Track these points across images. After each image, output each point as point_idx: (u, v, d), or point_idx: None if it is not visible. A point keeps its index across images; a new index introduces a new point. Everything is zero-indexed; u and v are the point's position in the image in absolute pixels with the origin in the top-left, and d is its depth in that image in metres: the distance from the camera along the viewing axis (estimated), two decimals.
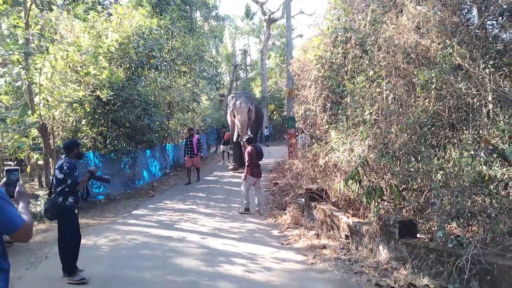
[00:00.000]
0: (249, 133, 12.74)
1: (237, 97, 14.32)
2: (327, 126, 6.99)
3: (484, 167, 4.29)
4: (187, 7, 17.53)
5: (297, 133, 12.89)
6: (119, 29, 10.26)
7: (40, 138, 8.83)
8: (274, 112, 35.86)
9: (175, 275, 4.77)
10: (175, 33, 14.31)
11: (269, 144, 25.12)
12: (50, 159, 8.81)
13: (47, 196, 8.17)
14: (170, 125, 15.70)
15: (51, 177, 8.70)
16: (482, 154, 4.47)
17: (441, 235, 3.97)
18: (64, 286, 4.56)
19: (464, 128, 4.82)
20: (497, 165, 4.38)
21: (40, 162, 10.26)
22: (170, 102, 14.96)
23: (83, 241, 6.28)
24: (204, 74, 18.92)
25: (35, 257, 5.58)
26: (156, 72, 12.88)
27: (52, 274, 4.89)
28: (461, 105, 4.74)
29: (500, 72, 4.61)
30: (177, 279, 4.65)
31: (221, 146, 17.53)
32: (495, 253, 3.58)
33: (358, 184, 5.26)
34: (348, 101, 6.13)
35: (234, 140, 14.25)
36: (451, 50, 4.69)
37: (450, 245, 3.91)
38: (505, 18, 5.05)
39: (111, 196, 10.13)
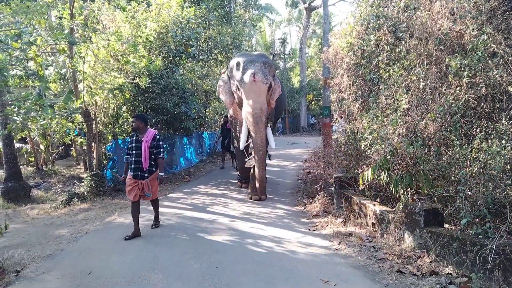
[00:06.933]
0: (269, 131, 7.95)
1: (247, 62, 7.48)
2: (359, 115, 6.94)
3: None
4: None
5: (333, 123, 12.61)
6: (158, 19, 10.58)
7: (83, 123, 9.37)
8: (313, 102, 35.58)
9: (202, 253, 4.99)
10: (212, 23, 14.51)
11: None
12: (93, 143, 9.33)
13: (89, 178, 8.71)
14: (207, 113, 16.00)
15: (93, 160, 9.24)
16: None
17: (466, 223, 3.92)
18: (101, 256, 4.91)
19: (498, 117, 4.66)
20: None
21: (84, 146, 10.87)
22: (207, 91, 15.23)
23: (120, 219, 6.72)
24: None
25: (77, 233, 6.01)
26: (193, 61, 13.17)
27: (91, 247, 5.28)
28: (495, 93, 4.59)
29: None
30: (203, 257, 4.87)
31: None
32: None
33: (386, 173, 5.23)
34: (381, 88, 6.05)
35: (241, 147, 8.10)
36: (486, 37, 4.53)
37: (476, 235, 3.86)
38: None
39: None
